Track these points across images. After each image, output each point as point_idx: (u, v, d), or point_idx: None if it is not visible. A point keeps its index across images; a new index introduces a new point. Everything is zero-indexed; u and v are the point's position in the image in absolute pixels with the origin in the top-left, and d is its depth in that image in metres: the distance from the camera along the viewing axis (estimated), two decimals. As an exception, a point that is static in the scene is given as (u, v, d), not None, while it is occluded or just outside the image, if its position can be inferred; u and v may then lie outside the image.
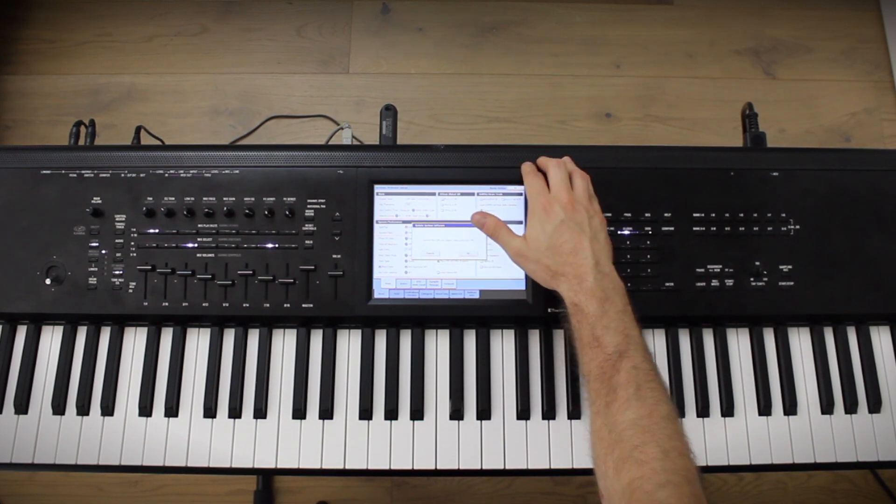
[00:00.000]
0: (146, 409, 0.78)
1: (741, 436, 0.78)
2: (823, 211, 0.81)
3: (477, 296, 0.79)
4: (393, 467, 0.76)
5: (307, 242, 0.79)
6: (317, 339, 0.81)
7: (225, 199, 0.80)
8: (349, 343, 0.81)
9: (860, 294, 0.80)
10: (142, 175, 0.80)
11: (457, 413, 0.78)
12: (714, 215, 0.81)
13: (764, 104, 1.51)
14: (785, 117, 1.63)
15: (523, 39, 1.68)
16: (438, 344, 0.81)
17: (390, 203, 0.81)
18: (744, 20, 1.70)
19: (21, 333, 0.81)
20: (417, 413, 0.78)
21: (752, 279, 0.80)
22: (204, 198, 0.80)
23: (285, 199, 0.80)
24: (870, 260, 0.80)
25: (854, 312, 0.81)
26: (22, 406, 0.78)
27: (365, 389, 0.78)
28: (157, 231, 0.80)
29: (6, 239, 0.79)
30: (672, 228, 0.81)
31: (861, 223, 0.81)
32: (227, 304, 0.78)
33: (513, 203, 0.81)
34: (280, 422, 0.78)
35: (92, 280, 0.79)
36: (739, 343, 0.82)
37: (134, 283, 0.79)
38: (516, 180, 0.81)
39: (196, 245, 0.79)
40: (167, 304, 0.78)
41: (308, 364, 0.79)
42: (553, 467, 0.76)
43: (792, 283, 0.80)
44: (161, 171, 0.80)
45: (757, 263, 0.80)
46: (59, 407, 0.78)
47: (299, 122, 1.61)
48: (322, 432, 0.77)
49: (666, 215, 0.81)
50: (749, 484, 1.43)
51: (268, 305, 0.78)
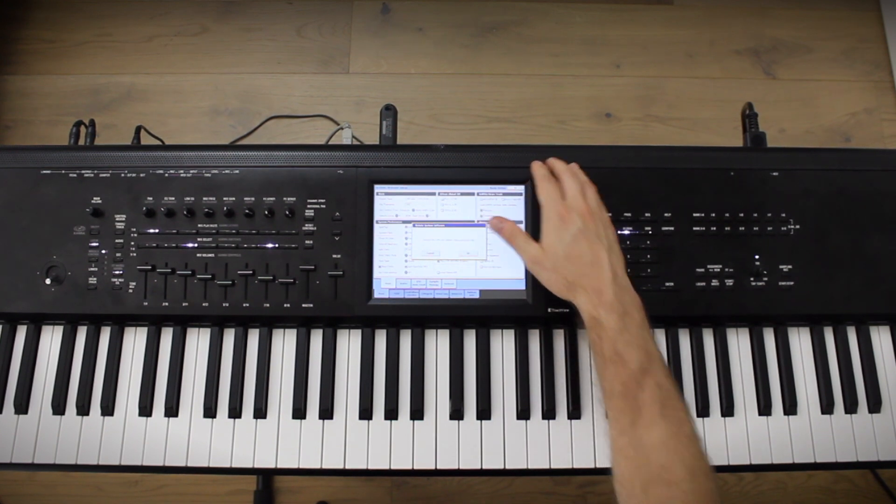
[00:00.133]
0: (146, 409, 0.78)
1: (741, 436, 0.78)
2: (823, 211, 0.81)
3: (477, 296, 0.79)
4: (393, 467, 0.76)
5: (307, 242, 0.79)
6: (317, 339, 0.81)
7: (225, 199, 0.80)
8: (349, 343, 0.81)
9: (860, 294, 0.80)
10: (142, 175, 0.80)
11: (457, 413, 0.78)
12: (714, 215, 0.81)
13: (764, 104, 1.51)
14: (785, 117, 1.63)
15: (523, 39, 1.68)
16: (438, 344, 0.81)
17: (390, 203, 0.81)
18: (744, 20, 1.70)
19: (21, 333, 0.81)
20: (417, 413, 0.78)
21: (752, 279, 0.80)
22: (204, 198, 0.80)
23: (285, 199, 0.80)
24: (870, 260, 0.80)
25: (854, 312, 0.81)
26: (22, 406, 0.78)
27: (365, 389, 0.78)
28: (157, 231, 0.80)
29: (6, 239, 0.79)
30: (672, 228, 0.81)
31: (861, 223, 0.81)
32: (227, 304, 0.78)
33: (513, 203, 0.81)
34: (280, 422, 0.78)
35: (92, 280, 0.79)
36: (739, 343, 0.82)
37: (134, 283, 0.79)
38: (516, 180, 0.81)
39: (196, 245, 0.79)
40: (167, 304, 0.78)
41: (308, 364, 0.79)
42: (553, 467, 0.76)
43: (792, 283, 0.80)
44: (161, 171, 0.80)
45: (757, 263, 0.80)
46: (59, 407, 0.78)
47: (299, 122, 1.61)
48: (322, 432, 0.77)
49: (666, 215, 0.81)
50: (749, 484, 1.43)
51: (268, 305, 0.78)
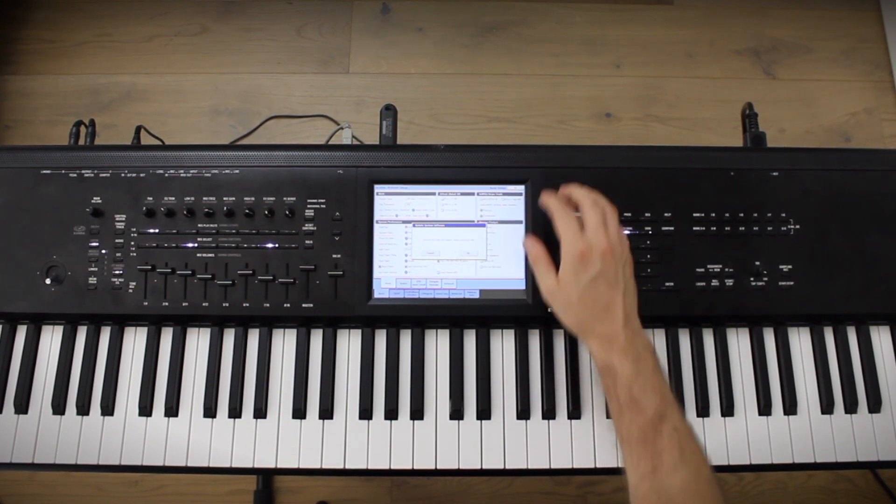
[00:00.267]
0: (146, 409, 0.78)
1: (741, 436, 0.78)
2: (823, 211, 0.81)
3: (477, 296, 0.79)
4: (393, 467, 0.76)
5: (307, 242, 0.79)
6: (317, 339, 0.81)
7: (225, 199, 0.80)
8: (349, 343, 0.81)
9: (860, 294, 0.80)
10: (142, 175, 0.80)
11: (457, 413, 0.78)
12: (714, 215, 0.81)
13: (764, 104, 1.51)
14: (785, 117, 1.63)
15: (523, 39, 1.68)
16: (438, 344, 0.81)
17: (390, 203, 0.81)
18: (744, 20, 1.70)
19: (21, 333, 0.81)
20: (417, 413, 0.78)
21: (752, 279, 0.80)
22: (204, 198, 0.80)
23: (285, 199, 0.80)
24: (870, 260, 0.80)
25: (854, 312, 0.81)
26: (22, 406, 0.78)
27: (365, 389, 0.78)
28: (157, 231, 0.80)
29: (6, 239, 0.79)
30: (672, 228, 0.81)
31: (861, 223, 0.81)
32: (227, 304, 0.78)
33: (513, 203, 0.81)
34: (280, 422, 0.78)
35: (92, 280, 0.79)
36: (739, 343, 0.82)
37: (134, 283, 0.79)
38: (516, 180, 0.81)
39: (196, 245, 0.79)
40: (167, 304, 0.78)
41: (308, 364, 0.79)
42: (553, 467, 0.76)
43: (792, 283, 0.80)
44: (161, 171, 0.80)
45: (757, 263, 0.80)
46: (59, 407, 0.78)
47: (299, 122, 1.61)
48: (322, 432, 0.77)
49: (666, 215, 0.81)
50: (749, 484, 1.43)
51: (268, 305, 0.78)
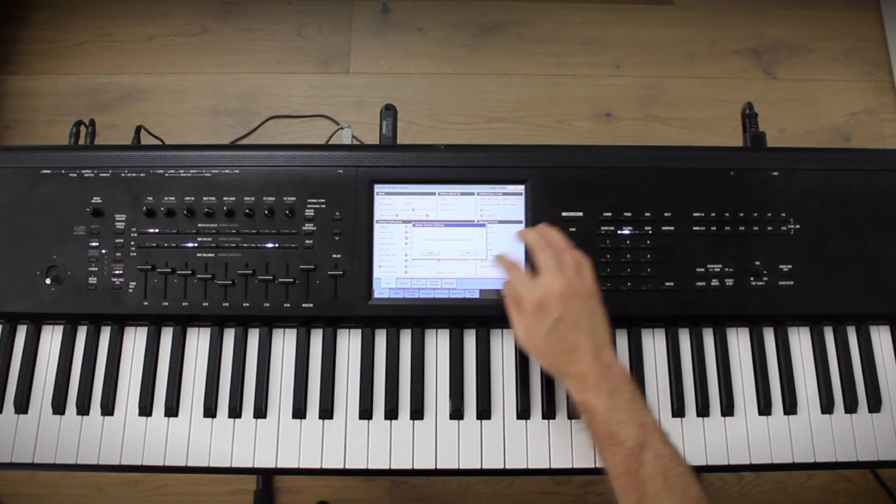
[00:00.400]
0: (146, 409, 0.78)
1: (741, 435, 0.78)
2: (823, 211, 0.81)
3: (477, 295, 0.79)
4: (393, 467, 0.76)
5: (307, 242, 0.79)
6: (317, 339, 0.81)
7: (225, 199, 0.80)
8: (349, 343, 0.81)
9: (860, 294, 0.80)
10: (142, 175, 0.80)
11: (457, 413, 0.78)
12: (714, 215, 0.81)
13: (764, 104, 1.51)
14: (785, 117, 1.63)
15: (523, 39, 1.68)
16: (438, 344, 0.81)
17: (390, 203, 0.81)
18: (744, 20, 1.70)
19: (21, 333, 0.81)
20: (417, 413, 0.78)
21: (752, 279, 0.80)
22: (204, 197, 0.80)
23: (285, 199, 0.80)
24: (870, 260, 0.80)
25: (854, 312, 0.81)
26: (22, 406, 0.78)
27: (365, 389, 0.78)
28: (157, 231, 0.80)
29: (6, 239, 0.79)
30: (672, 228, 0.81)
31: (861, 223, 0.81)
32: (227, 304, 0.78)
33: (513, 203, 0.81)
34: (280, 421, 0.78)
35: (92, 280, 0.79)
36: (739, 343, 0.82)
37: (134, 283, 0.79)
38: (516, 180, 0.81)
39: (196, 245, 0.79)
40: (167, 304, 0.78)
41: (308, 364, 0.79)
42: (553, 467, 0.76)
43: (792, 283, 0.80)
44: (161, 171, 0.80)
45: (757, 263, 0.80)
46: (59, 407, 0.78)
47: (299, 122, 1.61)
48: (322, 432, 0.77)
49: (666, 215, 0.81)
50: (749, 484, 1.43)
51: (268, 305, 0.78)
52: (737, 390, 0.80)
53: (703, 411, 0.79)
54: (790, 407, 0.79)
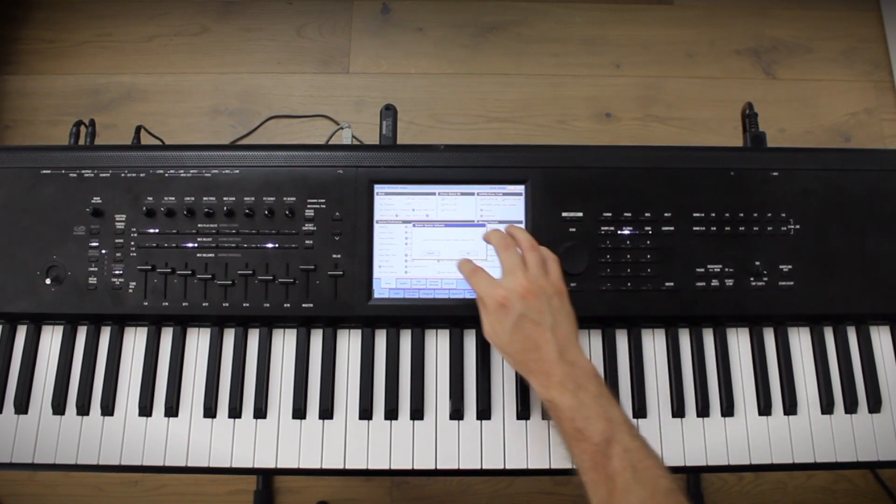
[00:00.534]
0: (146, 409, 0.78)
1: (741, 435, 0.78)
2: (823, 211, 0.81)
3: (477, 295, 0.79)
4: (393, 467, 0.76)
5: (307, 242, 0.79)
6: (317, 339, 0.81)
7: (225, 199, 0.80)
8: (349, 343, 0.81)
9: (860, 294, 0.80)
10: (142, 175, 0.80)
11: (457, 413, 0.78)
12: (714, 215, 0.81)
13: (764, 104, 1.51)
14: (785, 117, 1.63)
15: (523, 39, 1.68)
16: (438, 344, 0.81)
17: (390, 203, 0.81)
18: (744, 20, 1.70)
19: (21, 333, 0.81)
20: (417, 413, 0.78)
21: (752, 279, 0.80)
22: (204, 198, 0.80)
23: (285, 199, 0.80)
24: (870, 260, 0.80)
25: (854, 312, 0.81)
26: (22, 406, 0.78)
27: (365, 389, 0.78)
28: (157, 231, 0.80)
29: (6, 239, 0.80)
30: (672, 228, 0.81)
31: (861, 223, 0.81)
32: (227, 304, 0.78)
33: (513, 203, 0.81)
34: (280, 422, 0.78)
35: (92, 280, 0.79)
36: (739, 343, 0.82)
37: (134, 283, 0.79)
38: (516, 180, 0.81)
39: (196, 245, 0.79)
40: (167, 304, 0.78)
41: (308, 364, 0.79)
42: (553, 467, 0.76)
43: (792, 283, 0.80)
44: (161, 171, 0.80)
45: (757, 263, 0.80)
46: (59, 407, 0.78)
47: (299, 122, 1.61)
48: (322, 432, 0.77)
49: (666, 215, 0.81)
50: (749, 484, 1.43)
51: (268, 305, 0.78)
52: (737, 390, 0.80)
53: (703, 411, 0.79)
54: (790, 407, 0.79)
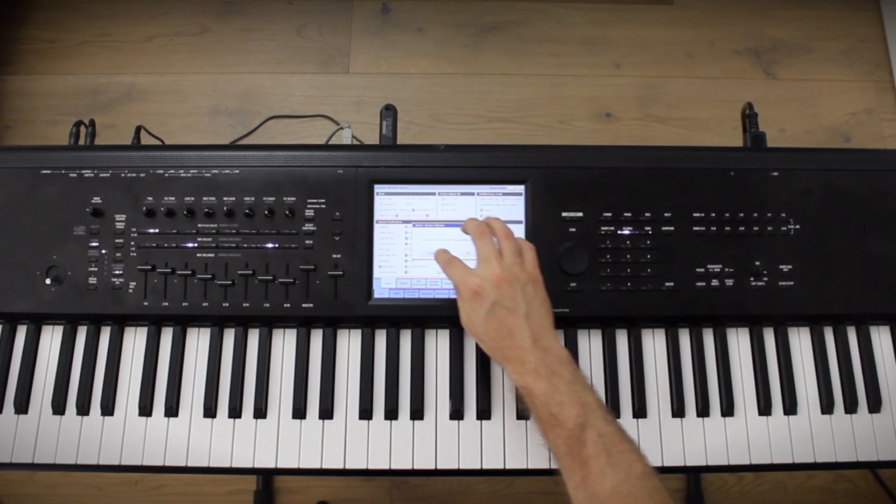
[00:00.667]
0: (146, 409, 0.78)
1: (741, 435, 0.78)
2: (823, 211, 0.81)
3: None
4: (393, 467, 0.76)
5: (307, 242, 0.79)
6: (317, 339, 0.81)
7: (225, 199, 0.80)
8: (349, 343, 0.81)
9: (860, 294, 0.80)
10: (142, 175, 0.80)
11: (457, 413, 0.78)
12: (714, 215, 0.81)
13: (764, 104, 1.51)
14: (785, 117, 1.63)
15: (523, 39, 1.68)
16: (438, 344, 0.81)
17: (390, 203, 0.81)
18: (744, 20, 1.70)
19: (21, 333, 0.81)
20: (417, 413, 0.78)
21: (752, 279, 0.80)
22: (204, 198, 0.80)
23: (285, 199, 0.80)
24: (870, 260, 0.80)
25: (854, 312, 0.81)
26: (22, 406, 0.78)
27: (365, 389, 0.78)
28: (157, 231, 0.80)
29: (6, 239, 0.79)
30: (672, 228, 0.81)
31: (861, 223, 0.81)
32: (227, 304, 0.78)
33: (512, 203, 0.81)
34: (280, 422, 0.78)
35: (92, 280, 0.79)
36: (739, 343, 0.82)
37: (134, 283, 0.79)
38: (516, 180, 0.81)
39: (196, 245, 0.79)
40: (167, 304, 0.78)
41: (308, 364, 0.79)
42: (553, 467, 0.76)
43: (792, 283, 0.80)
44: (161, 171, 0.80)
45: (757, 263, 0.80)
46: (59, 407, 0.78)
47: (299, 122, 1.61)
48: (322, 432, 0.77)
49: (666, 215, 0.81)
50: (749, 484, 1.43)
51: (268, 305, 0.78)
52: (737, 390, 0.80)
53: (703, 411, 0.79)
54: (790, 407, 0.79)
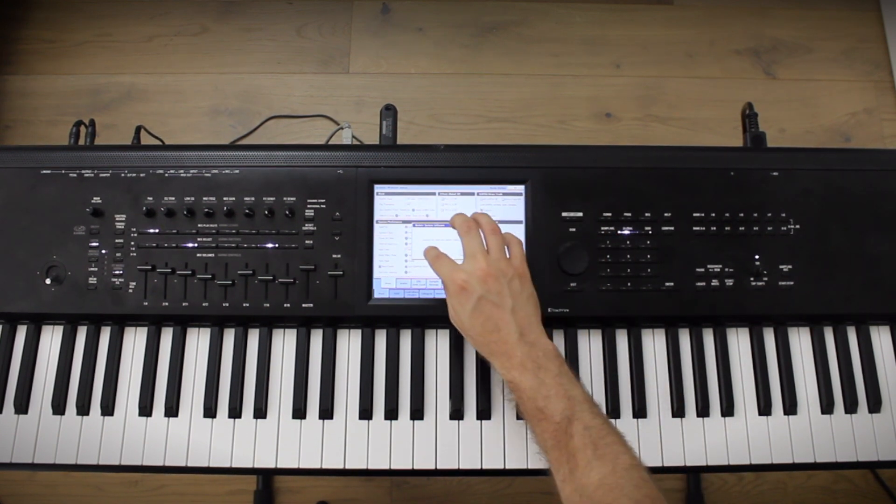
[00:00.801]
0: (146, 409, 0.78)
1: (741, 435, 0.78)
2: (823, 211, 0.81)
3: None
4: (393, 467, 0.76)
5: (307, 242, 0.79)
6: (317, 339, 0.81)
7: (225, 199, 0.80)
8: (349, 343, 0.81)
9: (860, 294, 0.80)
10: (142, 175, 0.80)
11: (457, 413, 0.78)
12: (714, 215, 0.81)
13: (764, 104, 1.51)
14: (785, 117, 1.63)
15: (523, 39, 1.68)
16: (438, 344, 0.81)
17: (390, 203, 0.81)
18: (744, 20, 1.70)
19: (21, 333, 0.81)
20: (417, 413, 0.78)
21: (752, 279, 0.80)
22: (204, 198, 0.80)
23: (285, 199, 0.80)
24: (870, 260, 0.80)
25: (854, 312, 0.81)
26: (22, 406, 0.78)
27: (365, 389, 0.78)
28: (157, 231, 0.80)
29: (6, 239, 0.79)
30: (672, 228, 0.81)
31: (861, 223, 0.81)
32: (227, 304, 0.78)
33: (512, 203, 0.81)
34: (280, 422, 0.78)
35: (92, 280, 0.79)
36: (739, 343, 0.82)
37: (134, 283, 0.79)
38: (516, 180, 0.81)
39: (196, 245, 0.79)
40: (167, 304, 0.78)
41: (308, 364, 0.79)
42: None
43: (792, 283, 0.80)
44: (161, 171, 0.80)
45: (757, 263, 0.80)
46: (59, 407, 0.78)
47: (299, 122, 1.61)
48: (322, 432, 0.77)
49: (666, 215, 0.81)
50: (749, 484, 1.43)
51: (268, 305, 0.78)
52: (737, 390, 0.80)
53: (703, 411, 0.79)
54: (790, 407, 0.79)
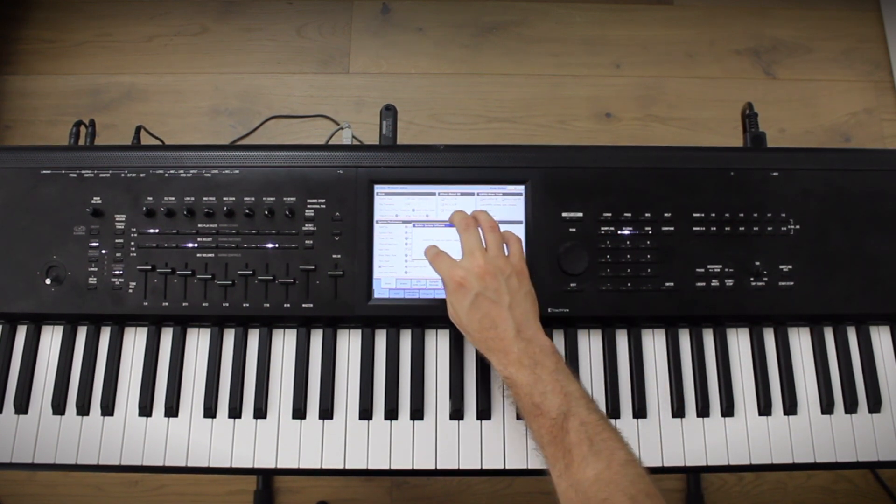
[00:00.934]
0: (146, 409, 0.78)
1: (741, 436, 0.78)
2: (823, 211, 0.81)
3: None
4: (393, 467, 0.76)
5: (307, 242, 0.79)
6: (317, 339, 0.81)
7: (225, 199, 0.80)
8: (349, 343, 0.81)
9: (860, 294, 0.80)
10: (142, 175, 0.80)
11: (457, 413, 0.78)
12: (714, 215, 0.81)
13: (764, 104, 1.51)
14: (785, 117, 1.63)
15: (523, 39, 1.68)
16: (438, 344, 0.81)
17: (390, 203, 0.81)
18: (744, 20, 1.70)
19: (21, 333, 0.81)
20: (417, 413, 0.78)
21: (752, 279, 0.80)
22: (204, 198, 0.80)
23: (285, 199, 0.80)
24: (870, 260, 0.80)
25: (854, 312, 0.81)
26: (22, 406, 0.78)
27: (365, 389, 0.78)
28: (157, 231, 0.80)
29: (6, 239, 0.79)
30: (672, 228, 0.81)
31: (861, 223, 0.81)
32: (227, 304, 0.78)
33: (513, 203, 0.81)
34: (280, 422, 0.78)
35: (92, 280, 0.79)
36: (739, 343, 0.82)
37: (134, 283, 0.79)
38: (516, 180, 0.81)
39: (196, 245, 0.79)
40: (167, 304, 0.78)
41: (308, 364, 0.79)
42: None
43: (792, 283, 0.80)
44: (161, 171, 0.80)
45: (757, 263, 0.80)
46: (59, 407, 0.78)
47: (299, 122, 1.61)
48: (322, 432, 0.77)
49: (666, 215, 0.81)
50: (749, 484, 1.43)
51: (268, 305, 0.78)
52: (737, 390, 0.80)
53: (703, 411, 0.79)
54: (790, 407, 0.79)
